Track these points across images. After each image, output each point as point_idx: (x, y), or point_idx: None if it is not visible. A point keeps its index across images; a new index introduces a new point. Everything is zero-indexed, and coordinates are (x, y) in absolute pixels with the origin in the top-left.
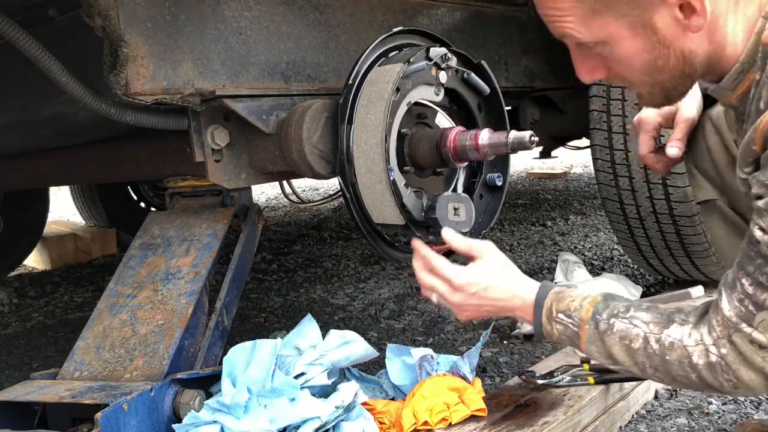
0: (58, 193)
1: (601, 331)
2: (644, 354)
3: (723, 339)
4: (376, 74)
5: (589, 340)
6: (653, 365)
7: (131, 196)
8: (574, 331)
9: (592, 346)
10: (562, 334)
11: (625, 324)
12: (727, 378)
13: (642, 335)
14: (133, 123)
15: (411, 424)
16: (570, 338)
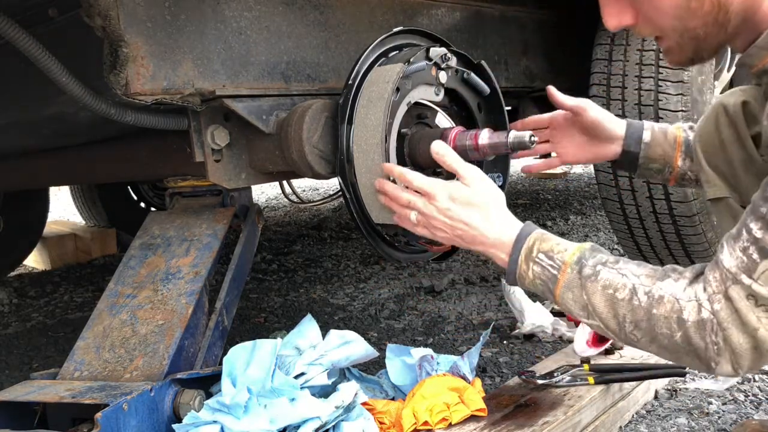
0: (58, 193)
1: (585, 275)
2: (628, 306)
3: (719, 294)
4: (376, 74)
5: (567, 286)
6: (635, 320)
7: (131, 196)
8: (551, 275)
9: (568, 293)
10: (537, 277)
11: (612, 273)
12: (714, 340)
13: (630, 286)
14: (133, 123)
15: (411, 424)
16: (545, 283)
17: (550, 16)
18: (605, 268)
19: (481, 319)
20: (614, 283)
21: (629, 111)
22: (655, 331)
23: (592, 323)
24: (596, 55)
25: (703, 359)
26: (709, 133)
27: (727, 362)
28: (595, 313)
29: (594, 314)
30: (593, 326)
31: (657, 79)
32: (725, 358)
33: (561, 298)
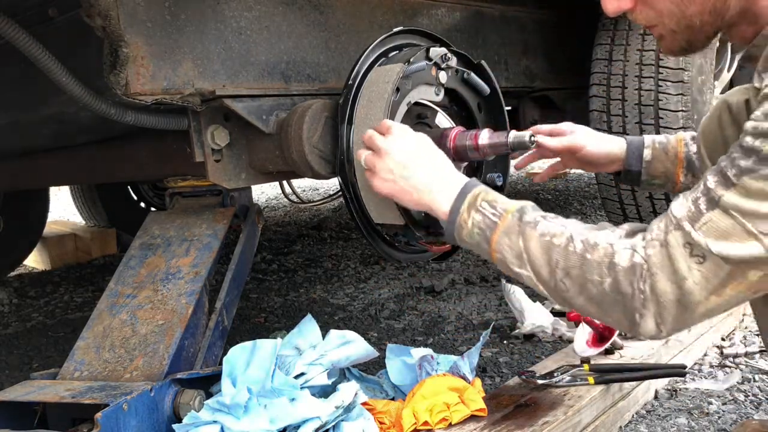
0: (58, 193)
1: (525, 221)
2: (563, 252)
3: (656, 241)
4: (376, 74)
5: (505, 231)
6: (567, 266)
7: (131, 196)
8: (491, 221)
9: (505, 238)
10: (475, 226)
11: (552, 223)
12: (641, 288)
13: (568, 234)
14: (133, 123)
15: (411, 424)
16: (482, 231)
17: (550, 16)
18: (545, 220)
19: (481, 319)
20: (553, 230)
21: (629, 111)
22: (585, 278)
23: (522, 273)
24: (596, 55)
25: (628, 309)
26: (712, 131)
27: (651, 316)
28: (528, 261)
29: (527, 262)
30: (523, 277)
31: (657, 79)
32: (650, 311)
33: (497, 243)
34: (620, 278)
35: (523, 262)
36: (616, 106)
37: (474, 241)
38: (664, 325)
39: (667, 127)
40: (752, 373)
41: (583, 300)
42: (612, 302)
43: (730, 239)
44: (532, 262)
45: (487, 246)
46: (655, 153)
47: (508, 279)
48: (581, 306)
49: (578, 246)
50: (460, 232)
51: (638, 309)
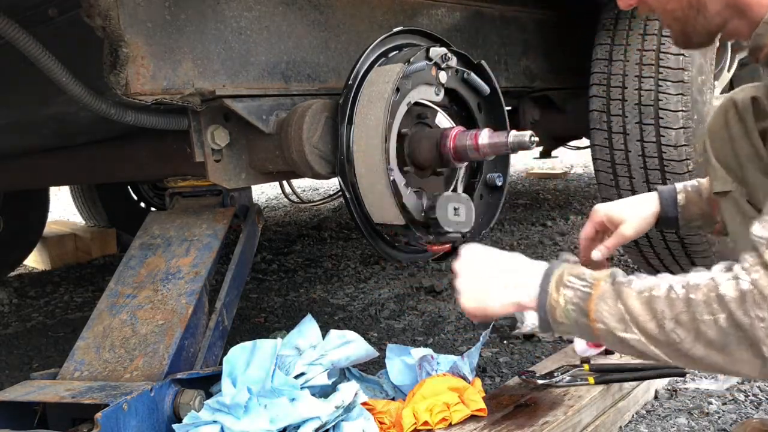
0: (58, 193)
1: (618, 283)
2: (666, 301)
3: (756, 265)
4: (376, 74)
5: (601, 297)
6: (674, 315)
7: (131, 196)
8: (584, 293)
9: (602, 304)
10: (568, 302)
11: (646, 279)
12: (759, 315)
13: (666, 284)
14: (133, 123)
15: (411, 424)
16: (577, 305)
17: (550, 16)
18: (638, 278)
19: None
20: (649, 284)
21: (629, 111)
22: (696, 321)
23: (630, 337)
24: (596, 55)
25: (754, 344)
26: (718, 128)
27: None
28: (632, 321)
29: (631, 323)
30: (632, 342)
31: (657, 79)
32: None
33: (595, 313)
34: (733, 309)
35: (627, 324)
36: (616, 106)
37: (571, 320)
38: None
39: (667, 127)
40: None
41: (702, 348)
42: (735, 341)
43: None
44: (636, 320)
45: (586, 319)
46: (688, 197)
47: None
48: (703, 357)
49: (680, 291)
50: (554, 314)
51: (763, 340)
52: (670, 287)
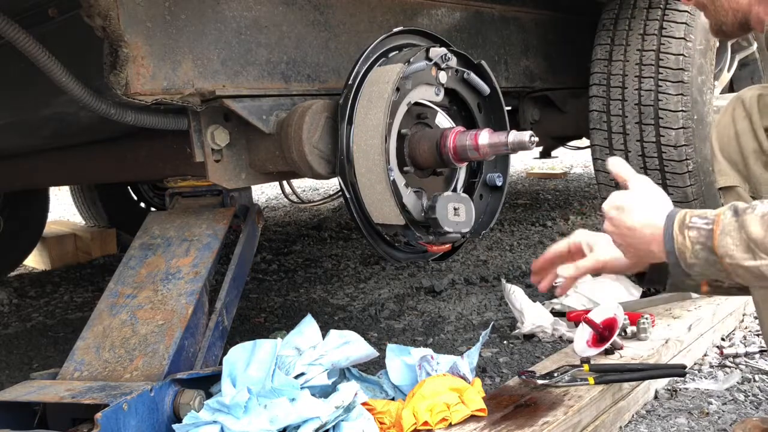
0: (58, 193)
1: (739, 212)
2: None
3: None
4: (376, 74)
5: (724, 231)
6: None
7: (131, 196)
8: (707, 231)
9: (726, 238)
10: (694, 243)
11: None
12: None
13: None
14: (133, 123)
15: (411, 424)
16: (703, 244)
17: (550, 16)
18: (761, 203)
19: (481, 319)
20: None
21: (629, 111)
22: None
23: (760, 263)
24: (596, 55)
25: None
26: (725, 125)
27: None
28: (758, 247)
29: (758, 249)
30: (762, 269)
31: (657, 79)
32: None
33: (720, 248)
34: None
35: (754, 251)
36: (616, 106)
37: (701, 260)
38: None
39: (668, 127)
40: (752, 373)
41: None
42: None
43: None
44: (762, 244)
45: (714, 257)
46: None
47: (509, 279)
48: None
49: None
50: (684, 257)
51: None
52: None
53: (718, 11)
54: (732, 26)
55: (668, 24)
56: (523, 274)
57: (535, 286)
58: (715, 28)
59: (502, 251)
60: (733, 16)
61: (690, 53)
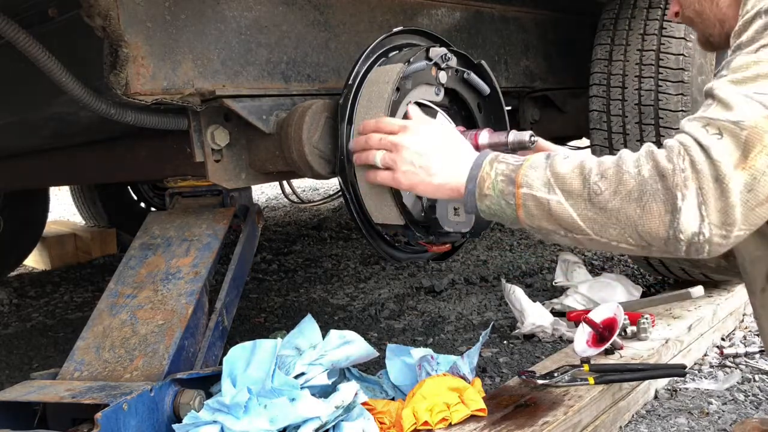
0: (58, 193)
1: (553, 155)
2: (596, 163)
3: (681, 133)
4: (376, 74)
5: (532, 165)
6: (601, 171)
7: (131, 196)
8: (516, 165)
9: (531, 171)
10: (499, 174)
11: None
12: (681, 165)
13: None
14: (133, 123)
15: (411, 424)
16: (507, 176)
17: (550, 16)
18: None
19: (481, 319)
20: (583, 155)
21: (629, 111)
22: (621, 172)
23: (550, 198)
24: (596, 55)
25: (669, 192)
26: None
27: (693, 197)
28: (556, 182)
29: (555, 184)
30: (551, 203)
31: (657, 79)
32: (691, 189)
33: (522, 177)
34: (659, 159)
35: (551, 186)
36: (616, 106)
37: (497, 190)
38: (707, 211)
39: (668, 127)
40: (752, 373)
41: (618, 201)
42: (652, 191)
43: (735, 108)
44: (562, 180)
45: (512, 187)
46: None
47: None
48: (616, 211)
49: (611, 156)
50: (482, 186)
51: (680, 186)
52: (600, 160)
53: (705, 23)
54: (719, 37)
55: (668, 24)
56: (523, 274)
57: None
58: (702, 40)
59: (502, 251)
60: (720, 27)
61: (690, 53)
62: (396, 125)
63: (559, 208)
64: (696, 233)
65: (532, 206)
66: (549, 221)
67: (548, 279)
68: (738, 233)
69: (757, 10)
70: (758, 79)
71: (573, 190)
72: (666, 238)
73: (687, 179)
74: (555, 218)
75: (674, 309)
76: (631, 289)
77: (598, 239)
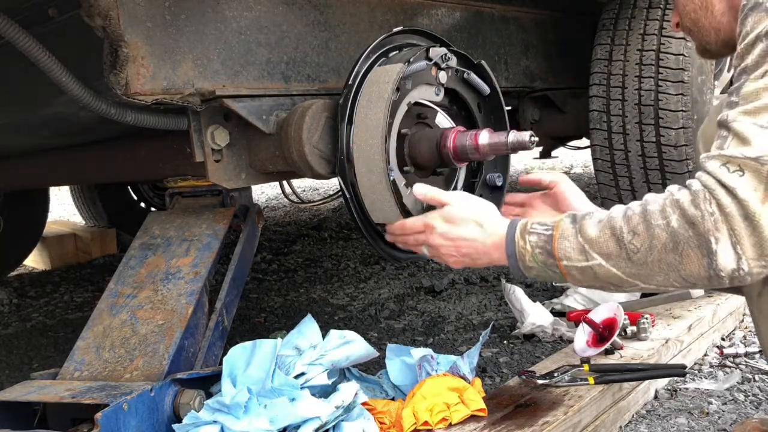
0: (58, 193)
1: (578, 219)
2: (623, 219)
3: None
4: (376, 74)
5: (562, 235)
6: (631, 228)
7: (131, 196)
8: (547, 235)
9: (564, 242)
10: (535, 247)
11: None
12: (709, 209)
13: (623, 207)
14: (133, 123)
15: (411, 424)
16: (543, 247)
17: (550, 16)
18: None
19: (481, 319)
20: (607, 212)
21: (629, 111)
22: (651, 227)
23: (592, 264)
24: (596, 55)
25: (702, 238)
26: (711, 129)
27: (727, 237)
28: (591, 248)
29: (590, 250)
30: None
31: (657, 79)
32: (723, 232)
33: (559, 251)
34: (685, 207)
35: (587, 252)
36: (616, 106)
37: (539, 262)
38: (742, 249)
39: (668, 127)
40: (752, 373)
41: (656, 254)
42: (685, 239)
43: (753, 142)
44: (597, 245)
45: (553, 260)
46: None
47: (509, 278)
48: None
49: (636, 208)
50: (524, 260)
51: (711, 231)
52: (628, 207)
53: (701, 32)
54: (716, 45)
55: (668, 24)
56: None
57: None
58: (700, 49)
59: None
60: (716, 36)
61: (690, 53)
62: (419, 226)
63: (602, 271)
64: (735, 269)
65: (577, 274)
66: (597, 282)
67: None
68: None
69: (757, 33)
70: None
71: (611, 253)
72: (708, 277)
73: (717, 222)
74: (602, 279)
75: (674, 309)
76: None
77: (647, 286)
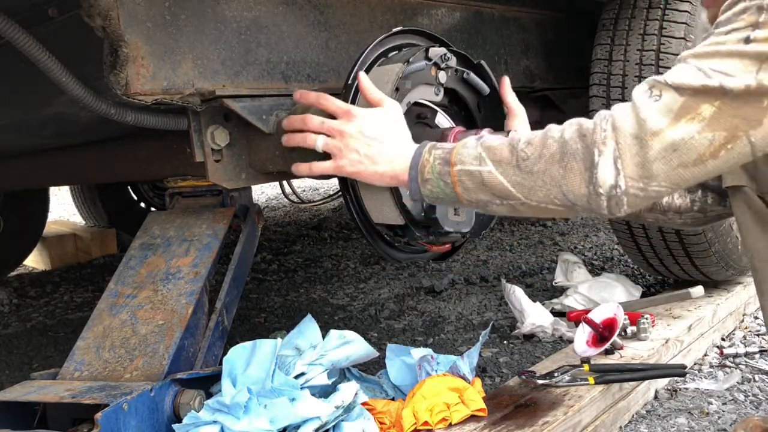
0: (58, 193)
1: (484, 136)
2: (525, 136)
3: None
4: (376, 74)
5: (464, 144)
6: (529, 138)
7: (131, 196)
8: (450, 148)
9: (463, 149)
10: (437, 159)
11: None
12: (603, 126)
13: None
14: (133, 123)
15: (411, 424)
16: (443, 158)
17: (550, 16)
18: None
19: (481, 319)
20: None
21: None
22: (547, 138)
23: (482, 169)
24: (596, 55)
25: (588, 149)
26: None
27: (610, 153)
28: (488, 154)
29: (486, 156)
30: (483, 174)
31: None
32: (609, 146)
33: (455, 156)
34: (583, 122)
35: (482, 158)
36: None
37: (435, 174)
38: (622, 164)
39: None
40: (752, 373)
41: (543, 164)
42: (572, 151)
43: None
44: (493, 151)
45: (448, 167)
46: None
47: (509, 279)
48: (541, 174)
49: (538, 133)
50: (423, 172)
51: (598, 144)
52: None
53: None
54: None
55: (668, 24)
56: (523, 274)
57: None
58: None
59: (502, 251)
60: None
61: None
62: (340, 109)
63: (490, 178)
64: (613, 186)
65: (467, 180)
66: (484, 192)
67: (548, 279)
68: (658, 188)
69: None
70: (716, 56)
71: (502, 159)
72: (587, 194)
73: (606, 137)
74: (488, 188)
75: (674, 309)
76: (631, 289)
77: (528, 203)
